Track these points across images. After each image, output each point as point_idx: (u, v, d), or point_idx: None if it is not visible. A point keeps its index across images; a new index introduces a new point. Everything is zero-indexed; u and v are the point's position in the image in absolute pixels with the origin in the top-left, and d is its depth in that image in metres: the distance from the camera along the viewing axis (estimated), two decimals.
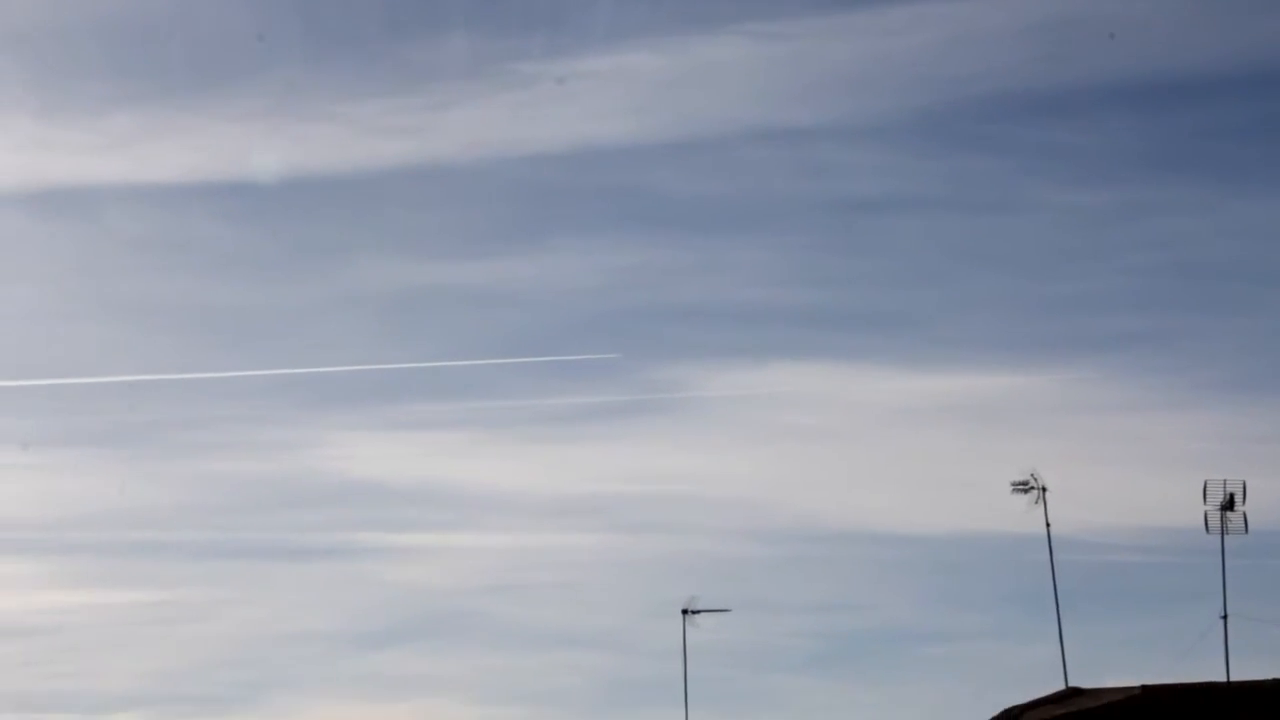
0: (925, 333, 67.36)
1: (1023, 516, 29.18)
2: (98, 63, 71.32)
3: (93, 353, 68.60)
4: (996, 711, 25.85)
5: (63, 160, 67.31)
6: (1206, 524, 27.81)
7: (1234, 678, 26.16)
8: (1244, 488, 27.71)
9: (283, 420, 65.96)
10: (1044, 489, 28.89)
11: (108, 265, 71.17)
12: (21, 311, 69.92)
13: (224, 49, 72.85)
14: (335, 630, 59.79)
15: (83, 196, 67.74)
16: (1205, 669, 27.27)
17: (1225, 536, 27.65)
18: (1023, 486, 28.93)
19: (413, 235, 71.88)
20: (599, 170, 70.93)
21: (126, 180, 67.32)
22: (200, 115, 68.11)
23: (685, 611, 32.17)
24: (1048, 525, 28.75)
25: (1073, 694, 26.30)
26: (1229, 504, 27.69)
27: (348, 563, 62.82)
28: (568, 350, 67.98)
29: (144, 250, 71.16)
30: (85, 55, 71.20)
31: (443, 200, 71.35)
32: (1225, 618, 27.50)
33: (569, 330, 69.59)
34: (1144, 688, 24.14)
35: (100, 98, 69.01)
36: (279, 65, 70.39)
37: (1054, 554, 28.63)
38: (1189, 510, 28.44)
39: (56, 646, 58.62)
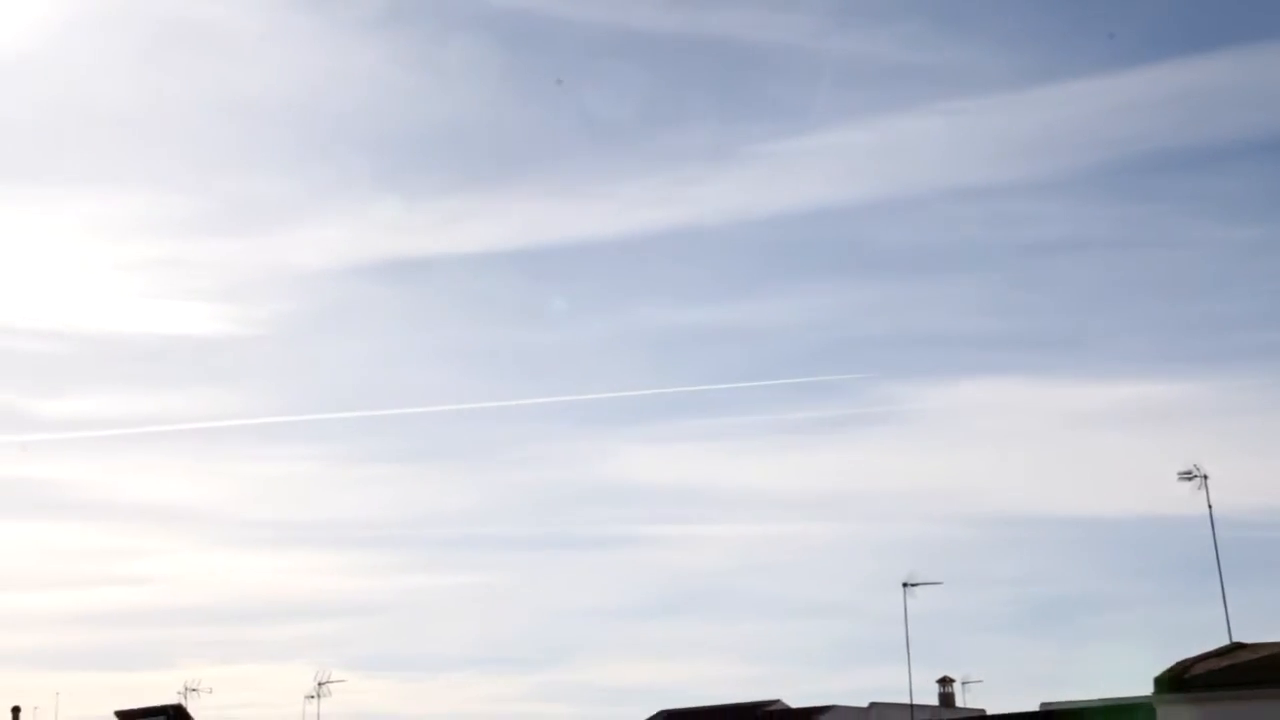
0: (1098, 350, 73.04)
1: (1188, 501, 32.50)
2: (431, 158, 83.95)
3: (429, 388, 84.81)
4: (1171, 663, 28.94)
5: (406, 242, 78.52)
6: None
7: None
8: None
9: (577, 436, 76.83)
10: (1205, 476, 32.43)
11: (439, 319, 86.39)
12: (377, 357, 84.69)
13: (520, 145, 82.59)
14: (623, 604, 68.29)
15: (419, 265, 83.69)
16: None
17: None
18: (1187, 475, 32.44)
19: (675, 285, 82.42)
20: (824, 227, 79.86)
21: (453, 251, 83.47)
22: (504, 198, 78.15)
23: (905, 584, 36.35)
24: (1209, 506, 32.12)
25: (1236, 648, 29.54)
26: None
27: (630, 550, 71.42)
28: (803, 374, 76.34)
29: (467, 305, 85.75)
30: (423, 153, 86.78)
31: (698, 256, 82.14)
32: None
33: (803, 358, 77.66)
34: None
35: (434, 186, 79.34)
36: (562, 155, 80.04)
37: (1215, 531, 32.01)
38: None
39: (406, 619, 68.24)
